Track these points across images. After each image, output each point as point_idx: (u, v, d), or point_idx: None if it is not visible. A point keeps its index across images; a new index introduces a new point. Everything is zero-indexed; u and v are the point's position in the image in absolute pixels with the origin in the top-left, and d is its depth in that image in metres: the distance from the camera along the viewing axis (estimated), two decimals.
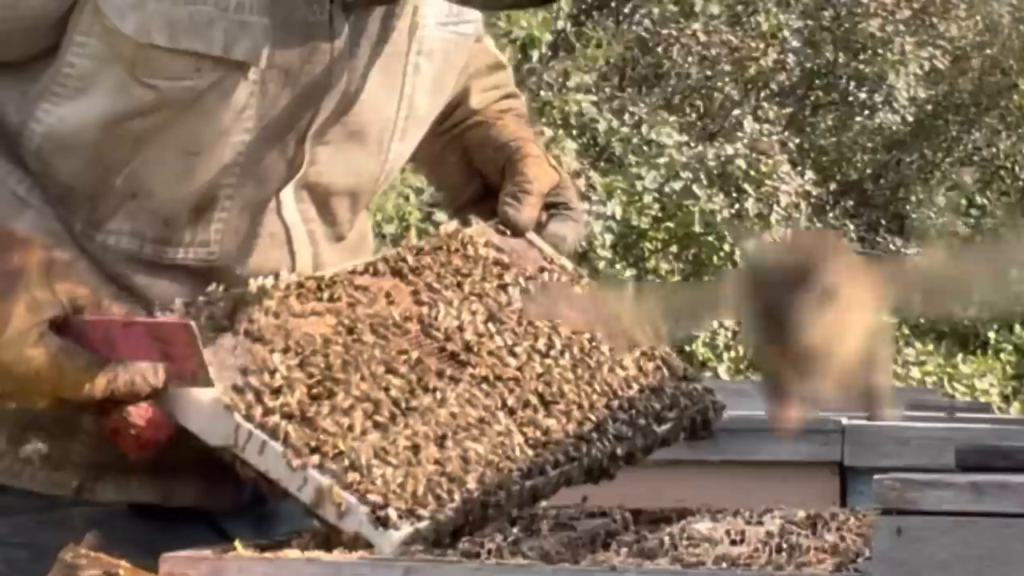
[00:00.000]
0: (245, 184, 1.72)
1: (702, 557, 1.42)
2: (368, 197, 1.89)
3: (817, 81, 18.49)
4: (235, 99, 1.68)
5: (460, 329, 1.74)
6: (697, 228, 14.30)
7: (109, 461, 1.72)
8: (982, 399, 13.38)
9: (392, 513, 1.52)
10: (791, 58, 17.97)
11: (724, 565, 1.39)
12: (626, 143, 14.66)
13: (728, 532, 1.53)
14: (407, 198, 9.74)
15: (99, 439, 1.69)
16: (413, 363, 1.68)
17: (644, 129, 14.72)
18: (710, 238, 14.58)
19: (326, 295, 1.71)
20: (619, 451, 1.75)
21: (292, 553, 1.46)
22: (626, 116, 14.89)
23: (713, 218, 14.35)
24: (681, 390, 1.85)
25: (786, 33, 17.85)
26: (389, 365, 1.67)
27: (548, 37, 14.01)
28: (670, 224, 14.39)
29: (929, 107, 18.52)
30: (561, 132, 13.99)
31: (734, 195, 14.38)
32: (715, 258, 14.71)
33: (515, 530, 1.60)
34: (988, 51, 18.43)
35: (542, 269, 1.88)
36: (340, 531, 1.53)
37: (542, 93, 14.69)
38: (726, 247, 14.61)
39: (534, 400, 1.72)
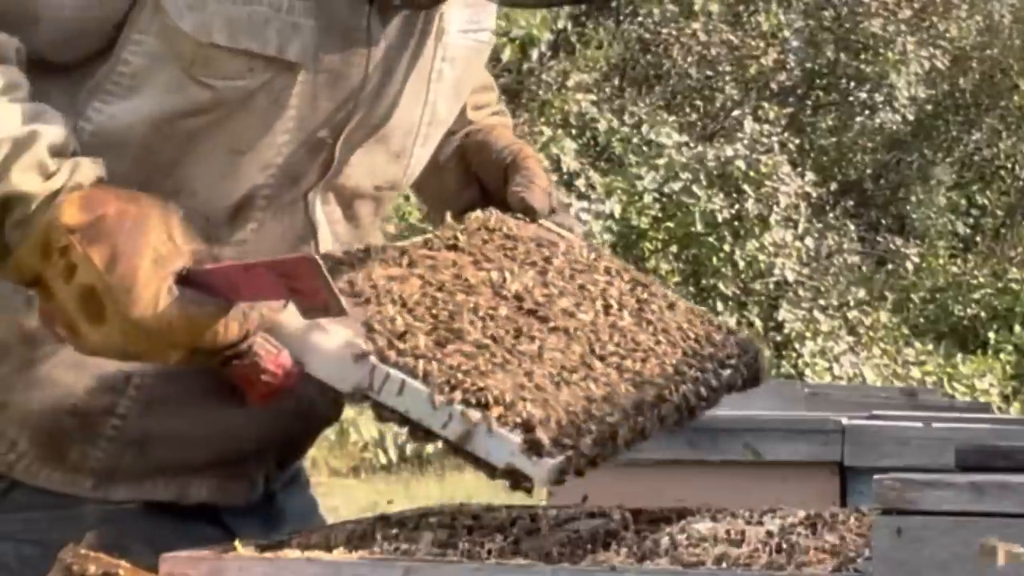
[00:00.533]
0: (281, 184, 1.74)
1: (702, 557, 1.42)
2: (390, 201, 1.91)
3: (818, 81, 18.50)
4: (282, 100, 1.70)
5: (528, 291, 1.77)
6: (698, 227, 14.30)
7: (126, 465, 1.74)
8: (982, 399, 13.38)
9: (545, 441, 1.52)
10: (792, 58, 17.98)
11: (724, 565, 1.39)
12: (626, 143, 14.66)
13: (728, 532, 1.53)
14: (407, 198, 9.75)
15: (120, 446, 1.72)
16: (503, 317, 1.70)
17: (644, 129, 14.72)
18: (710, 238, 14.59)
19: (404, 261, 1.74)
20: (702, 391, 1.76)
21: (292, 553, 1.46)
22: (626, 116, 14.90)
23: (713, 218, 14.36)
24: (734, 339, 1.88)
25: (787, 33, 17.87)
26: (486, 317, 1.69)
27: (548, 36, 14.02)
28: (670, 224, 14.39)
29: (929, 107, 18.52)
30: (560, 132, 14.01)
31: (734, 195, 14.39)
32: (715, 258, 14.72)
33: (515, 530, 1.60)
34: (989, 51, 18.44)
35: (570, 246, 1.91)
36: (490, 466, 1.53)
37: (541, 93, 14.71)
38: (726, 247, 14.62)
39: (613, 347, 1.74)
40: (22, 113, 1.53)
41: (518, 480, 1.51)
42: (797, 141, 16.67)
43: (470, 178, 2.05)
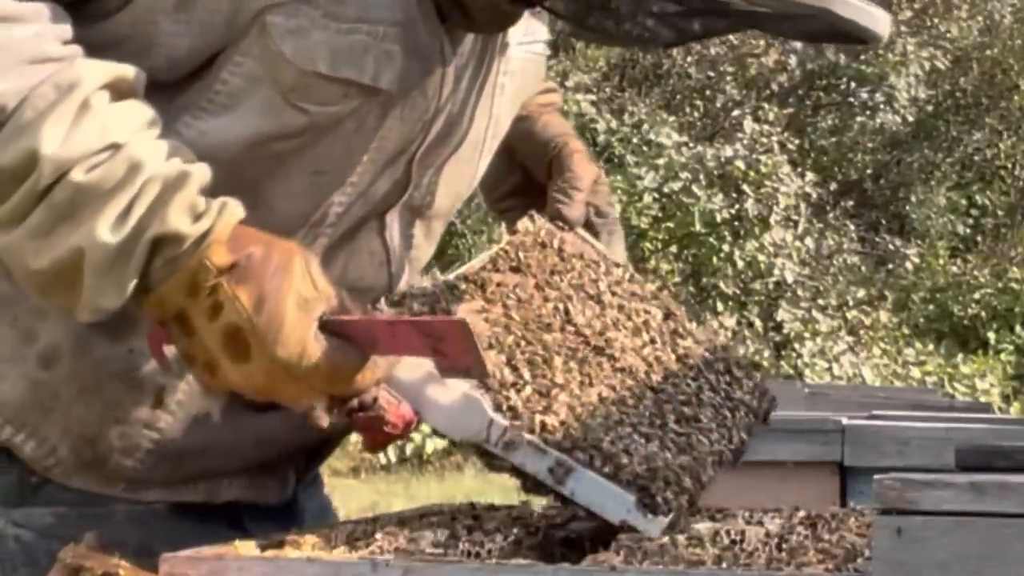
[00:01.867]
0: (355, 203, 1.75)
1: (702, 557, 1.42)
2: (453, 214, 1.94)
3: (818, 81, 18.50)
4: (368, 124, 1.72)
5: (589, 324, 1.81)
6: (697, 227, 14.30)
7: (161, 475, 1.75)
8: (982, 399, 13.39)
9: (659, 499, 1.57)
10: (792, 58, 17.98)
11: (724, 565, 1.39)
12: (626, 143, 14.66)
13: (728, 532, 1.53)
14: None
15: (157, 458, 1.73)
16: (582, 360, 1.75)
17: (644, 129, 14.72)
18: (710, 238, 14.59)
19: (479, 292, 1.77)
20: (743, 436, 1.80)
21: (292, 553, 1.46)
22: (626, 116, 14.90)
23: (713, 218, 14.36)
24: (754, 382, 1.91)
25: None
26: (570, 359, 1.73)
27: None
28: (670, 224, 14.39)
29: (930, 107, 18.52)
30: None
31: (734, 195, 14.39)
32: (715, 259, 14.73)
33: (515, 530, 1.60)
34: (989, 51, 18.44)
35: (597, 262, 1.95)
36: (605, 520, 1.57)
37: None
38: (725, 247, 14.62)
39: (672, 389, 1.79)
40: (167, 150, 1.54)
41: (631, 530, 1.55)
42: (797, 141, 16.67)
43: (515, 165, 2.07)
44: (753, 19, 1.65)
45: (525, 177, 2.06)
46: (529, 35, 1.91)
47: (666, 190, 14.29)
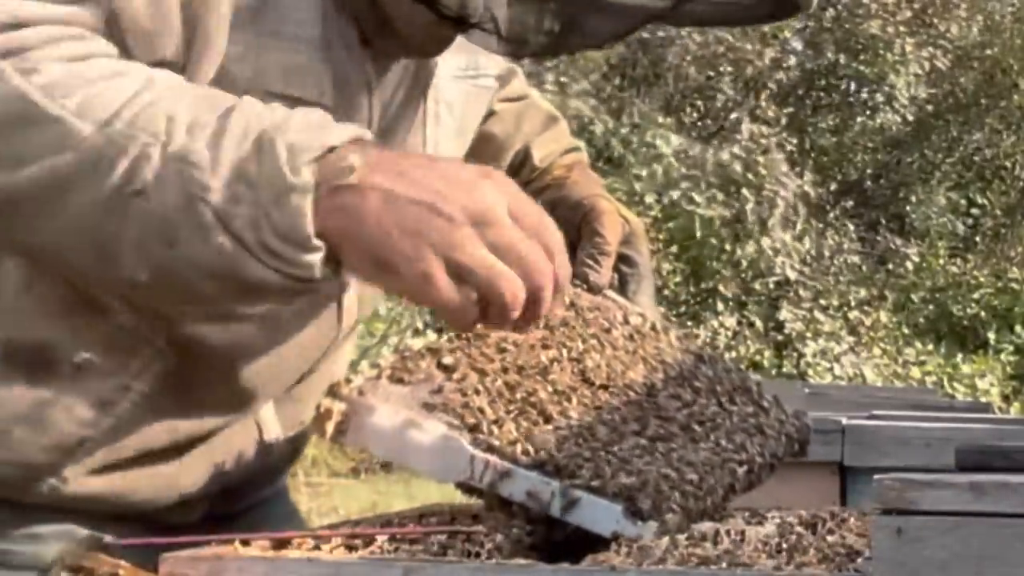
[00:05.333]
0: None
1: (702, 557, 1.42)
2: None
3: (818, 81, 18.50)
4: None
5: (595, 368, 1.83)
6: (698, 233, 14.30)
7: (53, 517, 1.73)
8: (982, 399, 13.38)
9: (646, 505, 1.58)
10: (792, 59, 17.98)
11: (724, 565, 1.39)
12: (625, 144, 14.66)
13: (728, 532, 1.53)
14: None
15: (55, 498, 1.71)
16: (571, 392, 1.77)
17: (642, 131, 14.72)
18: (711, 240, 14.59)
19: (476, 341, 1.79)
20: (762, 459, 1.83)
21: (292, 553, 1.46)
22: (624, 117, 14.90)
23: (713, 222, 14.36)
24: (784, 416, 1.95)
25: (787, 34, 17.86)
26: (559, 395, 1.76)
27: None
28: (670, 225, 14.39)
29: (930, 107, 18.52)
30: None
31: (733, 195, 14.38)
32: (715, 259, 14.73)
33: (515, 530, 1.60)
34: (989, 51, 18.43)
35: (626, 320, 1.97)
36: (594, 533, 1.58)
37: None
38: (726, 247, 14.62)
39: (695, 425, 1.81)
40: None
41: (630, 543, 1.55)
42: (796, 141, 16.66)
43: None
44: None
45: None
46: (472, 68, 1.91)
47: (665, 200, 14.29)
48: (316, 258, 1.43)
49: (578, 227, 2.02)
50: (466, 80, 1.91)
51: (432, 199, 1.42)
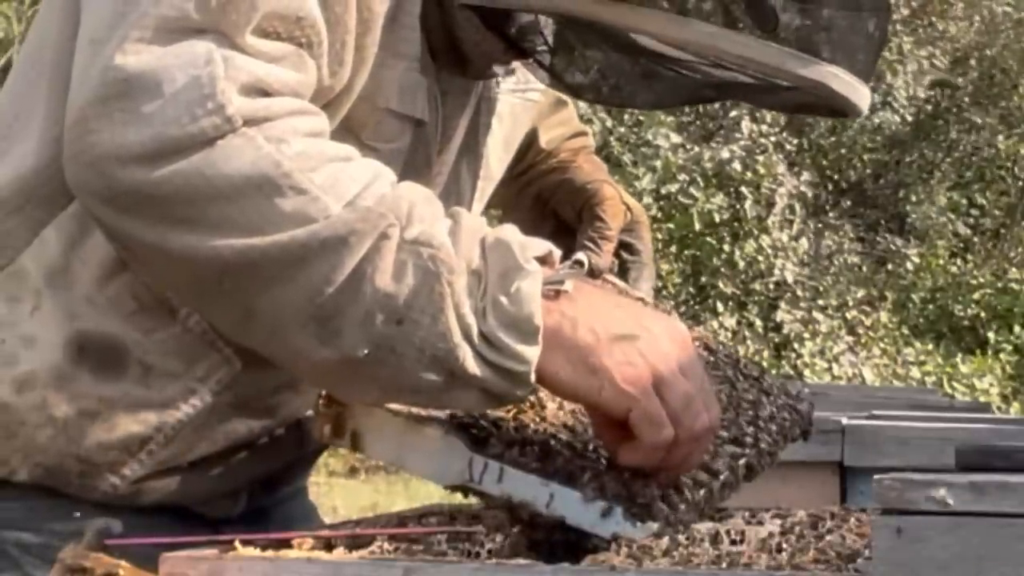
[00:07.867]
0: None
1: (702, 557, 1.42)
2: None
3: None
4: (419, 159, 1.76)
5: None
6: (697, 227, 14.30)
7: (114, 502, 1.74)
8: (982, 399, 13.38)
9: (644, 508, 1.57)
10: None
11: (724, 565, 1.39)
12: (623, 143, 14.66)
13: (728, 532, 1.53)
14: None
15: (112, 496, 1.72)
16: None
17: (641, 130, 14.70)
18: (709, 239, 14.59)
19: None
20: (766, 448, 1.82)
21: (292, 553, 1.46)
22: (625, 116, 14.89)
23: (711, 219, 14.35)
24: (786, 397, 1.94)
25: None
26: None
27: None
28: (670, 225, 14.39)
29: (929, 107, 18.50)
30: None
31: (732, 195, 14.38)
32: (714, 259, 14.72)
33: (515, 530, 1.60)
34: (988, 51, 18.42)
35: None
36: (596, 535, 1.57)
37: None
38: (725, 247, 14.62)
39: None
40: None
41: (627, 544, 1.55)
42: (795, 141, 16.65)
43: (547, 213, 2.10)
44: (741, 90, 1.66)
45: (558, 224, 2.08)
46: (523, 84, 1.93)
47: (664, 192, 14.29)
48: (535, 352, 1.48)
49: (580, 211, 2.03)
50: (518, 94, 1.94)
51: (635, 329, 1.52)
